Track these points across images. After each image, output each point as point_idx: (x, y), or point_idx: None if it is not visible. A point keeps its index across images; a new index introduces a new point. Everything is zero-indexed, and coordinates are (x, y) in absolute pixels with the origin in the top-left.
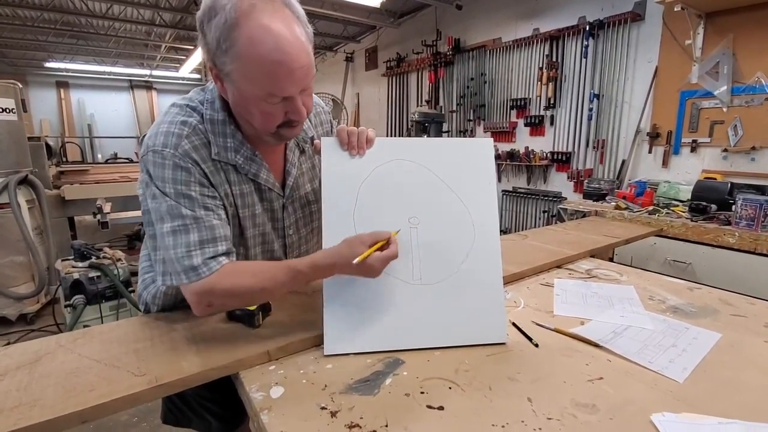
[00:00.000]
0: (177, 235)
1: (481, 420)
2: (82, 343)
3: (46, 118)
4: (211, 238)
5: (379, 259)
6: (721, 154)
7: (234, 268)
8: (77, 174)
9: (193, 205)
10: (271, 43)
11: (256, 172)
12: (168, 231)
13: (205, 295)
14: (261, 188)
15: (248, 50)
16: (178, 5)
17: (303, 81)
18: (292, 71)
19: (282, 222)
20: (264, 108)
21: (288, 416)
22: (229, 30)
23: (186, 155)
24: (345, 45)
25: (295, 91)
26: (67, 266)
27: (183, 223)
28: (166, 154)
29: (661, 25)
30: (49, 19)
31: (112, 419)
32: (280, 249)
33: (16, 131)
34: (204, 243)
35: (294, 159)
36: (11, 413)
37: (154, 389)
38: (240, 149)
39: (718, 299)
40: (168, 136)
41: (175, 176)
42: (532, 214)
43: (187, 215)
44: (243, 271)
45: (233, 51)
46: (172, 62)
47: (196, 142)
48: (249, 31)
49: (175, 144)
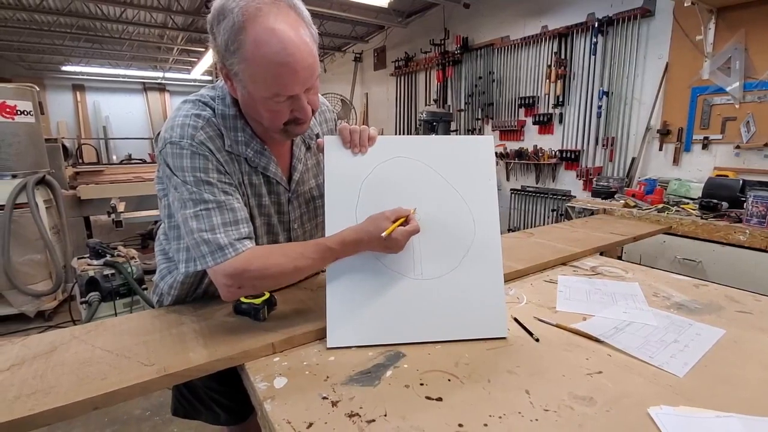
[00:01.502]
0: (200, 219)
1: (478, 411)
2: (95, 335)
3: (63, 121)
4: (233, 220)
5: (403, 233)
6: (734, 151)
7: (263, 250)
8: (93, 174)
9: (213, 190)
10: (276, 45)
11: (266, 165)
12: (191, 216)
13: (237, 278)
14: (270, 181)
15: (254, 52)
16: (189, 8)
17: (307, 80)
18: (297, 72)
19: (288, 215)
20: (271, 107)
21: (290, 405)
22: (237, 33)
23: (202, 144)
24: (353, 45)
25: (300, 90)
26: (83, 264)
27: (206, 207)
28: (183, 144)
29: (671, 20)
30: (65, 24)
31: (126, 413)
32: (286, 241)
33: (34, 133)
34: (227, 225)
35: (300, 155)
36: (28, 399)
37: (163, 378)
38: (250, 143)
39: (724, 296)
40: (184, 128)
41: (194, 164)
42: (541, 213)
43: (209, 200)
44: (274, 252)
45: (240, 53)
46: (185, 64)
47: (211, 133)
48: (255, 34)
49: (191, 135)
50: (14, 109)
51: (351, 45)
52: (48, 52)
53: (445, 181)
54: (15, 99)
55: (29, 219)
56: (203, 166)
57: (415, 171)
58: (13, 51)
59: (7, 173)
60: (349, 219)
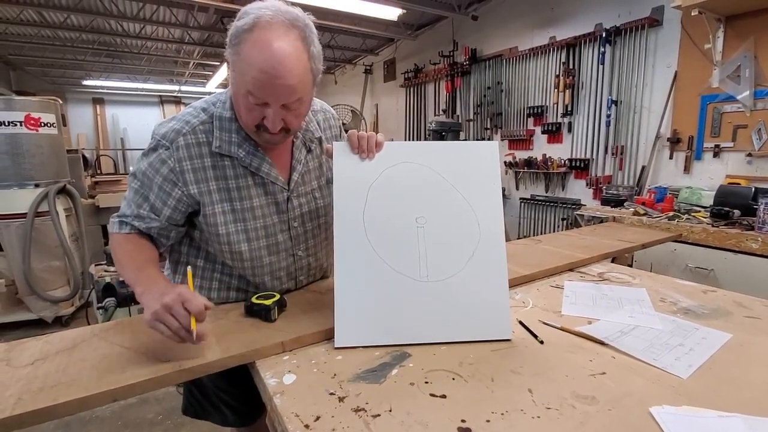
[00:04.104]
0: (129, 190)
1: (481, 408)
2: (114, 333)
3: (83, 133)
4: (136, 214)
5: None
6: (746, 159)
7: (127, 239)
8: (110, 184)
9: (143, 186)
10: (266, 54)
11: (258, 165)
12: (127, 191)
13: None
14: (264, 182)
15: (248, 52)
16: (206, 24)
17: (283, 97)
18: (274, 84)
19: (287, 214)
20: (246, 103)
21: (299, 400)
22: (243, 32)
23: (178, 150)
24: (364, 57)
25: (274, 102)
26: (100, 270)
27: (131, 193)
28: (160, 143)
29: (679, 29)
30: (87, 40)
31: (139, 416)
32: (286, 241)
33: (56, 144)
34: (133, 203)
35: (300, 156)
36: (51, 390)
37: (178, 373)
38: (243, 144)
39: (732, 301)
40: (170, 131)
41: (153, 161)
42: (551, 221)
43: (135, 189)
44: (125, 246)
45: (238, 47)
46: (200, 78)
47: (191, 140)
48: (255, 39)
49: (171, 138)
50: (38, 121)
51: (361, 57)
52: (70, 67)
53: (451, 185)
54: (39, 111)
55: (50, 227)
56: (157, 166)
57: (421, 175)
58: (37, 66)
59: (30, 182)
60: (356, 221)
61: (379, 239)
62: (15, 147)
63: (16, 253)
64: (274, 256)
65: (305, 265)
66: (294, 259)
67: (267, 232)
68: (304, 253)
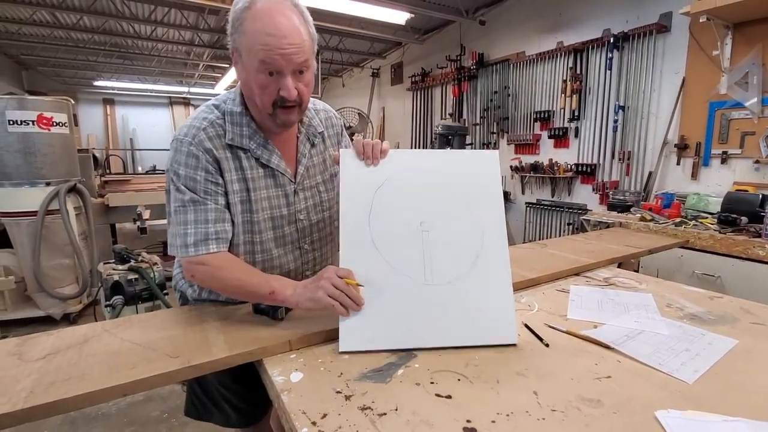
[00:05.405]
0: (179, 214)
1: (486, 409)
2: (123, 329)
3: (93, 133)
4: (204, 219)
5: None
6: (753, 166)
7: (229, 259)
8: (120, 184)
9: (196, 187)
10: (268, 19)
11: (269, 157)
12: (174, 210)
13: (190, 270)
14: (274, 173)
15: (251, 26)
16: (216, 26)
17: (293, 60)
18: (282, 45)
19: (294, 206)
20: (260, 81)
21: (306, 397)
22: (243, 12)
23: (200, 144)
24: (371, 61)
25: (285, 68)
26: (108, 269)
27: (183, 204)
28: (184, 141)
29: (687, 36)
30: (99, 41)
31: (144, 414)
32: (293, 233)
33: (68, 143)
34: (198, 223)
35: (305, 150)
36: (62, 384)
37: (187, 369)
38: (253, 137)
39: (739, 308)
40: (190, 129)
41: (188, 161)
42: (557, 226)
43: (188, 199)
44: (233, 267)
45: (242, 27)
46: (209, 80)
47: (212, 133)
48: (255, 13)
49: (193, 135)
50: (51, 121)
51: (369, 61)
52: (82, 68)
53: (453, 191)
54: (51, 111)
55: (60, 225)
56: (194, 164)
57: (425, 182)
58: (49, 66)
59: (41, 181)
60: (362, 225)
61: (384, 243)
62: (27, 146)
63: (26, 250)
64: (281, 248)
65: (311, 260)
66: (300, 252)
67: (275, 223)
68: (310, 247)
